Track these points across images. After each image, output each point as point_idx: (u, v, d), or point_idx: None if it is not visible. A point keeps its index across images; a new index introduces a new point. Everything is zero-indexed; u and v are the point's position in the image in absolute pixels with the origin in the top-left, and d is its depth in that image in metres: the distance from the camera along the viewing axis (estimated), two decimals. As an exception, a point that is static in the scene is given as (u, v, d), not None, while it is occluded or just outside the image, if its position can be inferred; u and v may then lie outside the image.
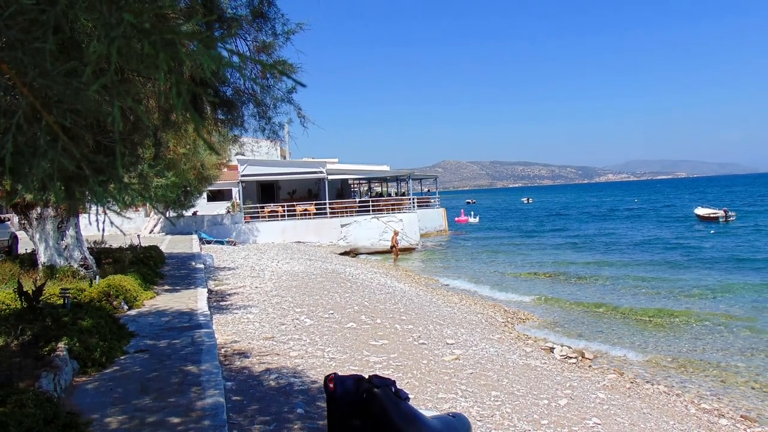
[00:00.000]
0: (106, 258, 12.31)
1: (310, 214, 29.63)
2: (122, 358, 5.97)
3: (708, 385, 8.66)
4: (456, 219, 48.44)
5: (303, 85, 1.53)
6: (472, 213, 53.39)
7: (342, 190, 39.64)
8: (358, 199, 35.81)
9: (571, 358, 9.74)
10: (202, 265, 14.93)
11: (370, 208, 30.65)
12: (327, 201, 29.92)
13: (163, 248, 17.43)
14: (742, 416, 7.44)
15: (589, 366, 9.43)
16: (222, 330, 8.94)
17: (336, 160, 37.52)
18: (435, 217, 37.13)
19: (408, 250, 28.30)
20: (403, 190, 40.75)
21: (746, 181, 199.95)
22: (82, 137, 1.63)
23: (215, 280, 14.59)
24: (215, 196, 33.98)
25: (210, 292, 11.99)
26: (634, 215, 53.06)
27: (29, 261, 11.27)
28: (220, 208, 33.27)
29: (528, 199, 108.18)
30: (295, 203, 30.86)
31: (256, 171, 29.76)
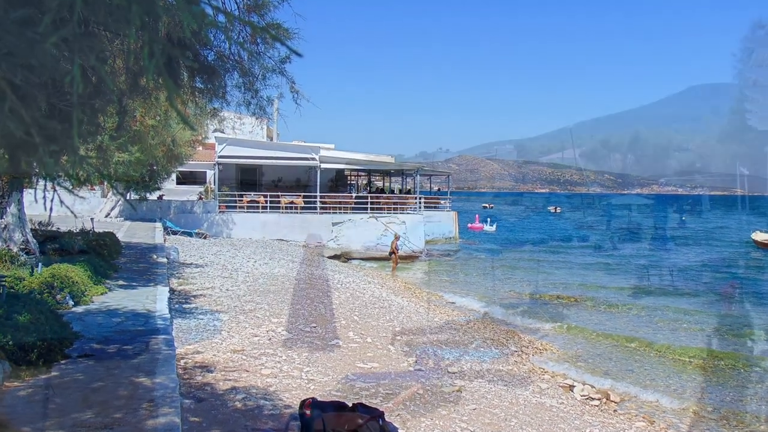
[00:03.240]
0: (52, 243, 12.32)
1: (296, 208, 29.67)
2: (63, 362, 5.97)
3: (753, 442, 8.67)
4: (469, 225, 48.47)
5: (299, 55, 1.53)
6: (489, 220, 53.40)
7: (336, 182, 39.68)
8: (354, 194, 35.83)
9: (593, 399, 9.75)
10: (164, 260, 14.95)
11: (369, 205, 30.68)
12: (318, 193, 29.95)
13: (120, 236, 17.45)
14: (791, 482, 7.44)
15: (615, 410, 9.43)
16: (183, 338, 8.95)
17: (332, 146, 37.55)
18: (444, 222, 37.16)
19: (410, 258, 28.33)
20: (408, 187, 40.80)
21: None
22: (33, 98, 1.63)
23: (179, 278, 14.60)
24: (186, 179, 34.02)
25: (172, 291, 12.01)
26: (679, 236, 53.07)
27: (-39, 240, 11.27)
28: (190, 193, 33.31)
29: (556, 208, 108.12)
30: (279, 193, 30.89)
31: (237, 152, 29.77)
